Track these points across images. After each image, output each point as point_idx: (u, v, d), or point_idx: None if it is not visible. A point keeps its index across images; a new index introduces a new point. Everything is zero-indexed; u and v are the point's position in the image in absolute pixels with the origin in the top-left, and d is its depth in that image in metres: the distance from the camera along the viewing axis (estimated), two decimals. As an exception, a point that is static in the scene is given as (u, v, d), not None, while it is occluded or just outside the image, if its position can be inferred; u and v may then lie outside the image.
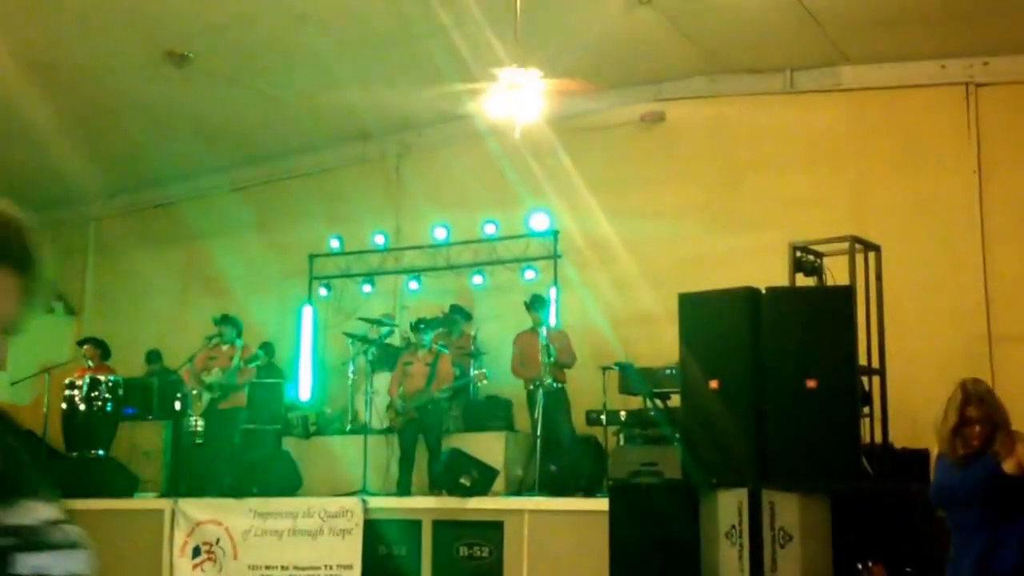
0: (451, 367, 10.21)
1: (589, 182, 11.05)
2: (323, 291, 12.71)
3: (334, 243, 12.57)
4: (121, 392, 11.12)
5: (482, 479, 9.18)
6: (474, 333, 11.21)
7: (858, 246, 8.22)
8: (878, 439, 8.03)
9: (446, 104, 9.02)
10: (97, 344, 11.69)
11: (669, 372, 9.00)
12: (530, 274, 11.44)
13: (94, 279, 14.59)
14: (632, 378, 9.46)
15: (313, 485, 10.19)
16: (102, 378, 11.08)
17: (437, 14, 8.97)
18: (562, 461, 9.59)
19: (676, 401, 8.33)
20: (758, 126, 10.72)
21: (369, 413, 10.56)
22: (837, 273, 8.15)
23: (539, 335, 9.85)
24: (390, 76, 10.50)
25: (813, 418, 7.06)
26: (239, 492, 9.81)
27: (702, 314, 7.56)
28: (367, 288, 12.42)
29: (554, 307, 10.83)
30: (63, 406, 10.95)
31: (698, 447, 7.41)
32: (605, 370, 9.68)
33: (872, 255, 8.37)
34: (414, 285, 12.24)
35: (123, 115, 11.53)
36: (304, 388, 12.18)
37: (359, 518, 9.29)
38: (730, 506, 7.11)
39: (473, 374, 10.29)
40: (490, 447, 9.91)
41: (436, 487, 9.48)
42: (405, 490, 9.76)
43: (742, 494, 7.06)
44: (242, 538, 9.64)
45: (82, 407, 10.88)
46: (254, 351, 11.02)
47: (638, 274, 10.68)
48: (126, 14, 9.30)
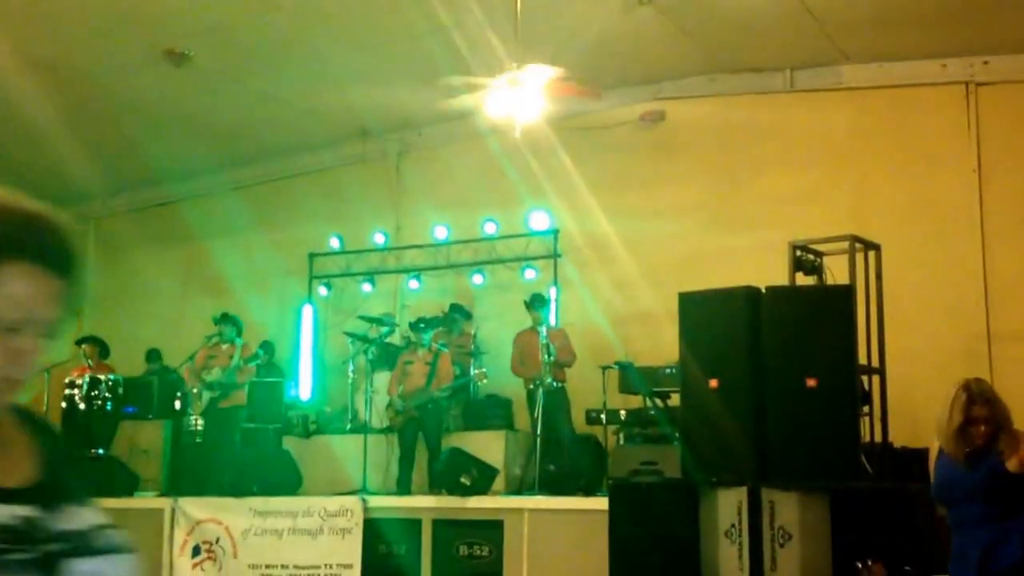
0: (451, 366, 10.21)
1: (589, 181, 11.06)
2: (323, 290, 12.72)
3: (334, 242, 12.56)
4: (121, 391, 11.11)
5: (482, 478, 9.18)
6: (474, 332, 11.21)
7: (858, 245, 8.22)
8: (878, 438, 8.03)
9: (446, 103, 9.03)
10: (96, 343, 11.68)
11: (669, 371, 9.01)
12: (530, 273, 11.45)
13: (94, 278, 14.57)
14: (632, 377, 9.46)
15: (313, 484, 10.18)
16: (102, 377, 11.07)
17: (437, 13, 8.97)
18: (562, 460, 9.59)
19: (676, 400, 8.34)
20: (758, 125, 10.72)
21: (369, 412, 10.56)
22: (837, 272, 8.15)
23: (539, 334, 9.85)
24: (390, 75, 10.49)
25: (813, 417, 7.06)
26: (239, 491, 9.80)
27: (702, 313, 7.56)
28: (367, 287, 12.42)
29: (554, 306, 10.84)
30: (63, 405, 10.93)
31: (698, 446, 7.41)
32: (605, 369, 9.69)
33: (872, 254, 8.37)
34: (414, 284, 12.24)
35: (123, 114, 11.54)
36: (304, 387, 12.18)
37: (359, 517, 9.29)
38: (730, 505, 7.11)
39: (473, 373, 10.29)
40: (490, 446, 9.91)
41: (436, 486, 9.47)
42: (405, 489, 9.76)
43: (742, 493, 7.06)
44: (242, 537, 9.64)
45: (82, 406, 10.87)
46: (254, 350, 11.04)
47: (638, 273, 10.68)
48: (126, 13, 9.31)
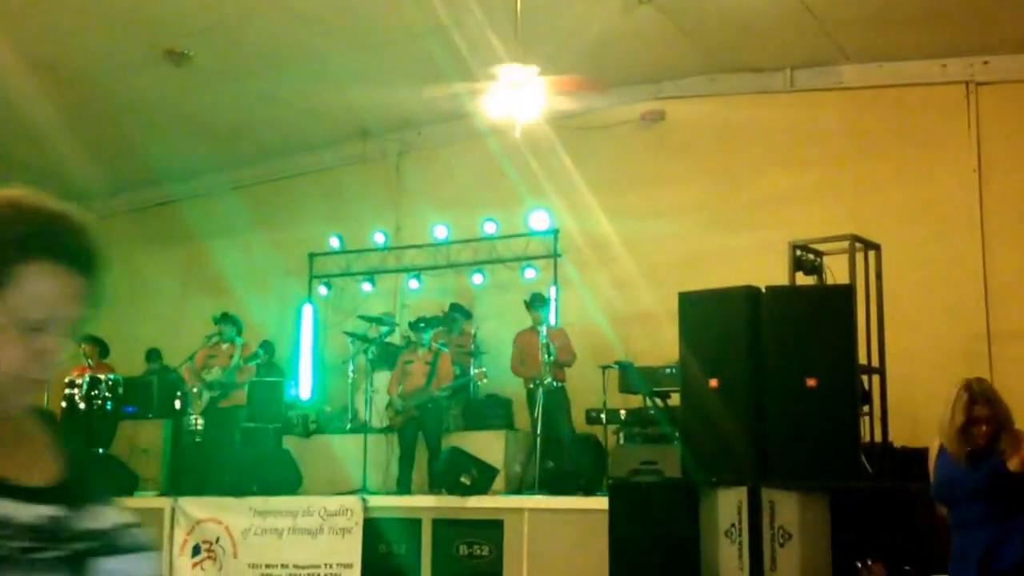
0: (451, 366, 10.21)
1: (589, 181, 11.06)
2: (323, 290, 12.71)
3: (334, 242, 12.56)
4: (121, 390, 11.10)
5: (482, 478, 9.17)
6: (474, 332, 11.20)
7: (858, 245, 8.22)
8: (878, 438, 8.02)
9: (446, 103, 9.04)
10: (96, 342, 11.68)
11: (669, 371, 9.01)
12: (530, 273, 11.45)
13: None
14: (632, 377, 9.46)
15: (313, 484, 10.18)
16: (102, 377, 11.06)
17: (437, 13, 8.98)
18: (562, 460, 9.59)
19: (676, 400, 8.33)
20: (758, 125, 10.72)
21: (369, 412, 10.56)
22: (837, 272, 8.14)
23: (539, 334, 9.85)
24: (390, 75, 10.49)
25: (813, 417, 7.06)
26: (239, 490, 9.80)
27: (702, 313, 7.56)
28: (367, 287, 12.42)
29: (554, 306, 10.83)
30: (63, 404, 10.92)
31: (698, 446, 7.41)
32: (605, 369, 9.69)
33: (872, 254, 8.36)
34: (414, 284, 12.24)
35: (123, 113, 11.54)
36: (304, 386, 12.18)
37: (359, 517, 9.28)
38: (730, 505, 7.11)
39: (473, 373, 10.29)
40: (490, 446, 9.91)
41: (436, 486, 9.47)
42: (405, 489, 9.76)
43: (742, 492, 7.06)
44: (242, 537, 9.64)
45: (82, 405, 10.85)
46: (254, 349, 11.04)
47: (638, 273, 10.68)
48: (126, 13, 9.31)
